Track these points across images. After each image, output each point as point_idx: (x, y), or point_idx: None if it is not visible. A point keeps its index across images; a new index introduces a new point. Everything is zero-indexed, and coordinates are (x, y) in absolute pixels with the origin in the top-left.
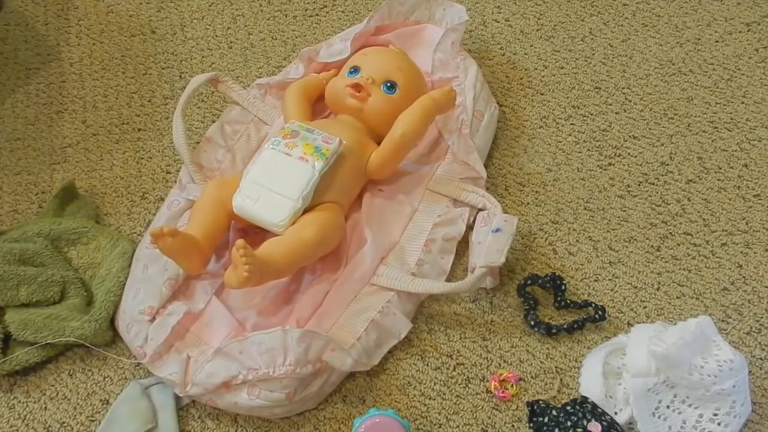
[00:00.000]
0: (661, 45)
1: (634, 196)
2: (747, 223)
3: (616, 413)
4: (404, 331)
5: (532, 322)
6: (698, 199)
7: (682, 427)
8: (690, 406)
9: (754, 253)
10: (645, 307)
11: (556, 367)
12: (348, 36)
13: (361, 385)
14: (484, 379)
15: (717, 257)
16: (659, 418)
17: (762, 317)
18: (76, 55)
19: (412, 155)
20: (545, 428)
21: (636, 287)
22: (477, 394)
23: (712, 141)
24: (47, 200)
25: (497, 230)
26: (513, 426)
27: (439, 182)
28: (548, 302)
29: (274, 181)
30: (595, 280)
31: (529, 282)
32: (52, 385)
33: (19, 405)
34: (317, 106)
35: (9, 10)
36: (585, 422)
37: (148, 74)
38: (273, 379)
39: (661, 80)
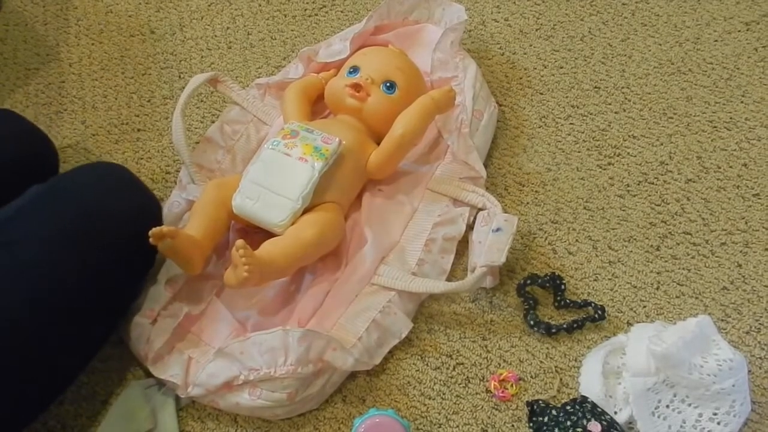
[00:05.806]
0: (660, 44)
1: (634, 196)
2: (746, 223)
3: (615, 413)
4: (405, 330)
5: (532, 322)
6: (698, 199)
7: (681, 426)
8: (690, 405)
9: (754, 252)
10: (645, 307)
11: (555, 367)
12: (347, 36)
13: (361, 385)
14: (483, 379)
15: (716, 257)
16: (659, 417)
17: (761, 316)
18: (76, 55)
19: (411, 155)
20: (545, 428)
21: (635, 287)
22: (477, 394)
23: (712, 140)
24: None
25: (497, 230)
26: (513, 426)
27: (439, 182)
28: (548, 302)
29: (274, 181)
30: (595, 280)
31: (528, 282)
32: None
33: None
34: (317, 106)
35: (9, 10)
36: (585, 422)
37: (148, 74)
38: (274, 379)
39: (661, 80)
